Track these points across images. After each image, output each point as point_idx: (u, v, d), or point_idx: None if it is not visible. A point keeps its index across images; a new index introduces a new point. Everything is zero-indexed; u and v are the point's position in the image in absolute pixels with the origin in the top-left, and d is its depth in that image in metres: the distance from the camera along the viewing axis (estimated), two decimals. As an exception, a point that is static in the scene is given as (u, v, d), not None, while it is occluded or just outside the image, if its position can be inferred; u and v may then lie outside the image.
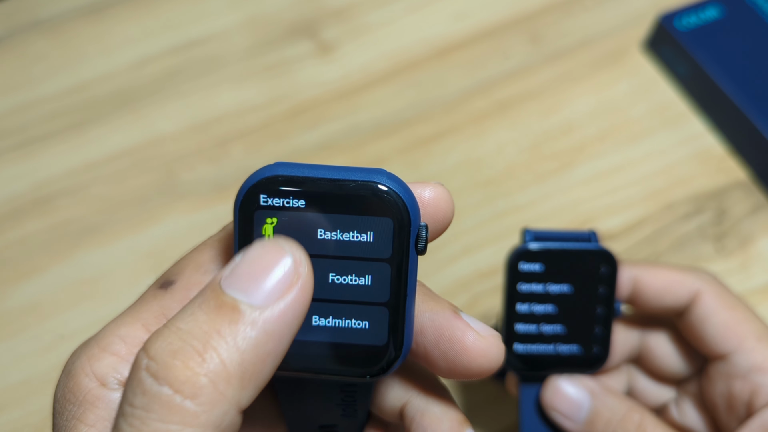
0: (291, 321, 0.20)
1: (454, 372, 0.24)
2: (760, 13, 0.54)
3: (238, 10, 0.58)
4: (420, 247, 0.23)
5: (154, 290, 0.25)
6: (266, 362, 0.20)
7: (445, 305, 0.25)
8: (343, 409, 0.26)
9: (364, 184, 0.22)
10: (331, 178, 0.22)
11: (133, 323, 0.24)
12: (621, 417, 0.33)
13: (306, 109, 0.53)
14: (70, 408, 0.22)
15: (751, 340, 0.33)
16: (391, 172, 0.23)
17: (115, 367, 0.23)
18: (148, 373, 0.19)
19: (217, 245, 0.25)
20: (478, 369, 0.24)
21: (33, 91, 0.54)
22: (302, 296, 0.20)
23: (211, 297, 0.20)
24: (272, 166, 0.23)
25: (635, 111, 0.53)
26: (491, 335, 0.24)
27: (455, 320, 0.24)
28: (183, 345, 0.19)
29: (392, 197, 0.22)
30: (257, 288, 0.20)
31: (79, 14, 0.58)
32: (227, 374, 0.19)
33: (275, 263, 0.20)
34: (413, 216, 0.23)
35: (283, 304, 0.20)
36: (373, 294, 0.23)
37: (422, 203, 0.24)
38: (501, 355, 0.24)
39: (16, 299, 0.45)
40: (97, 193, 0.49)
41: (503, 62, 0.56)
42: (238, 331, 0.19)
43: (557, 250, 0.34)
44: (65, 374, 0.23)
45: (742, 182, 0.50)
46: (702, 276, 0.35)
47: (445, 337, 0.24)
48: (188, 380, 0.19)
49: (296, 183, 0.22)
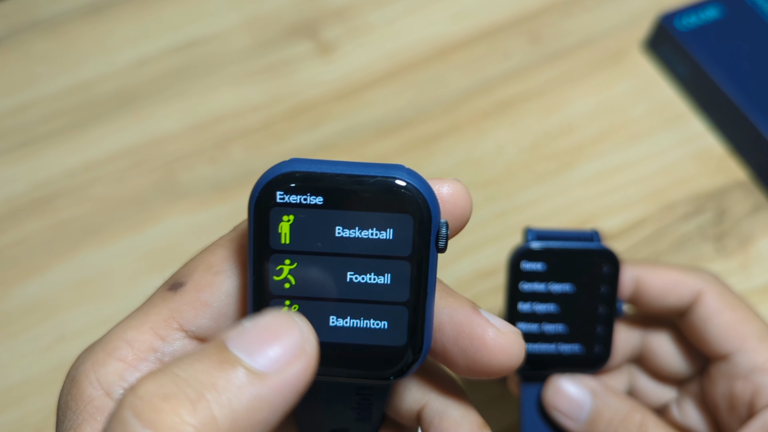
0: (289, 394, 0.19)
1: (474, 370, 0.24)
2: (760, 13, 0.54)
3: (238, 10, 0.58)
4: (441, 245, 0.22)
5: (163, 292, 0.24)
6: (256, 430, 0.19)
7: (464, 301, 0.24)
8: (357, 412, 0.25)
9: (383, 180, 0.22)
10: (349, 174, 0.22)
11: (141, 327, 0.23)
12: (622, 417, 0.33)
13: (306, 109, 0.53)
14: (71, 416, 0.22)
15: (753, 341, 0.33)
16: (410, 168, 0.22)
17: (122, 374, 0.22)
18: (132, 412, 0.18)
19: (229, 245, 0.24)
20: (499, 366, 0.23)
21: (33, 91, 0.54)
22: (304, 372, 0.20)
23: (213, 351, 0.19)
24: (288, 163, 0.22)
25: (635, 111, 0.53)
26: (512, 332, 0.24)
27: (475, 316, 0.24)
28: (176, 390, 0.18)
29: (412, 193, 0.22)
30: (262, 353, 0.19)
31: (79, 14, 0.57)
32: (216, 430, 0.18)
33: (284, 333, 0.20)
34: (434, 213, 0.22)
35: (284, 375, 0.19)
36: (392, 293, 0.22)
37: (441, 200, 0.23)
38: (522, 352, 0.23)
39: (17, 299, 0.45)
40: (97, 193, 0.49)
41: (503, 62, 0.56)
42: (235, 390, 0.18)
43: (559, 249, 0.34)
44: (69, 380, 0.23)
45: (742, 182, 0.50)
46: (704, 276, 0.35)
47: (465, 334, 0.23)
48: (174, 427, 0.18)
49: (313, 179, 0.22)
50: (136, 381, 0.19)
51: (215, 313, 0.24)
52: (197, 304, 0.23)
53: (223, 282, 0.24)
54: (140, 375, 0.23)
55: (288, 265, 0.22)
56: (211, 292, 0.23)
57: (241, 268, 0.24)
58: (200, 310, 0.23)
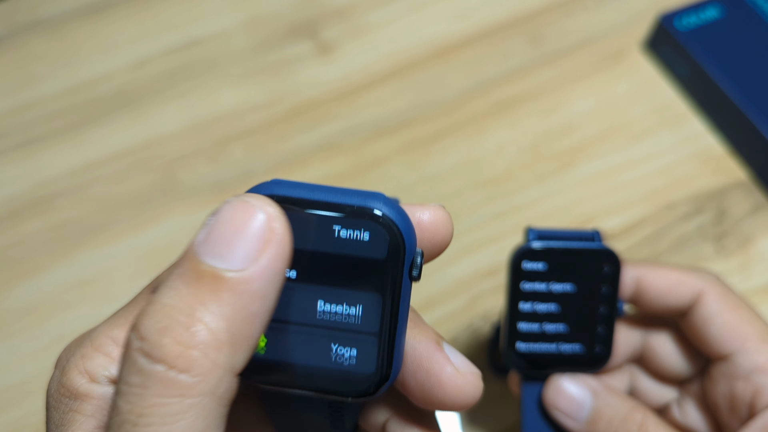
0: (272, 278, 0.20)
1: (428, 403, 0.24)
2: (760, 13, 0.54)
3: (238, 10, 0.58)
4: (414, 275, 0.22)
5: (147, 293, 0.24)
6: (254, 323, 0.20)
7: (430, 334, 0.24)
8: (331, 422, 0.26)
9: (360, 209, 0.22)
10: (326, 202, 0.22)
11: (125, 326, 0.24)
12: (623, 416, 0.33)
13: (306, 109, 0.53)
14: (66, 401, 0.23)
15: (754, 341, 0.33)
16: (389, 197, 0.22)
17: (106, 366, 0.23)
18: (140, 353, 0.19)
19: None
20: (451, 404, 0.24)
21: (33, 91, 0.54)
22: (280, 252, 0.20)
23: (189, 268, 0.20)
24: (268, 184, 0.22)
25: (635, 111, 0.53)
26: (469, 372, 0.24)
27: (436, 352, 0.24)
28: (170, 322, 0.19)
29: (387, 224, 0.22)
30: (233, 252, 0.19)
31: (79, 14, 0.57)
32: (217, 342, 0.19)
33: (247, 223, 0.20)
34: (408, 244, 0.22)
35: (262, 264, 0.19)
36: (363, 324, 0.23)
37: (420, 227, 0.23)
38: (477, 393, 0.24)
39: (16, 299, 0.45)
40: (97, 193, 0.49)
41: (503, 62, 0.56)
42: (221, 299, 0.19)
43: (561, 249, 0.34)
44: (59, 369, 0.24)
45: (742, 182, 0.50)
46: (705, 276, 0.34)
47: (423, 368, 0.24)
48: (180, 355, 0.19)
49: (292, 204, 0.22)
50: (135, 319, 0.20)
51: None
52: None
53: None
54: None
55: None
56: None
57: None
58: None
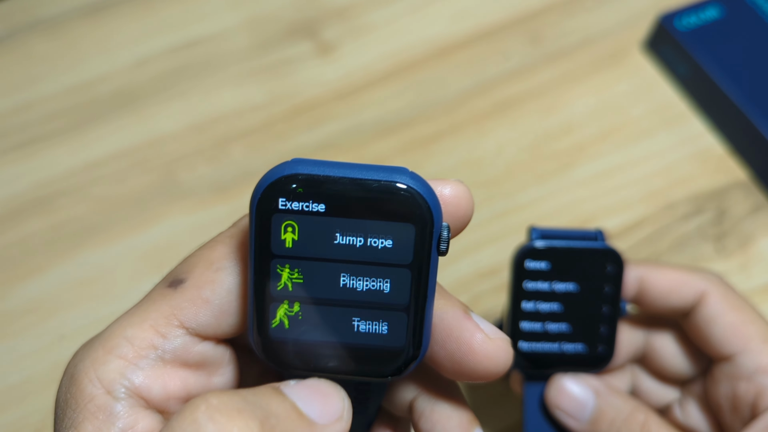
0: None
1: (460, 373, 0.24)
2: (760, 13, 0.54)
3: (238, 10, 0.58)
4: (442, 249, 0.22)
5: (162, 289, 0.24)
6: None
7: (456, 304, 0.24)
8: (354, 405, 0.25)
9: (386, 184, 0.22)
10: (351, 178, 0.22)
11: (141, 324, 0.23)
12: (625, 416, 0.33)
13: (306, 109, 0.53)
14: (70, 414, 0.22)
15: (757, 342, 0.33)
16: (413, 171, 0.22)
17: (122, 372, 0.22)
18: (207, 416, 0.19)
19: (229, 242, 0.24)
20: (484, 372, 0.23)
21: (33, 91, 0.53)
22: None
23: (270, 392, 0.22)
24: (289, 164, 0.22)
25: (635, 111, 0.53)
26: (500, 338, 0.24)
27: (465, 321, 0.24)
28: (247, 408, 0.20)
29: (415, 199, 0.22)
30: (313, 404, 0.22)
31: (79, 14, 0.57)
32: None
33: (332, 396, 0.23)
34: (436, 218, 0.22)
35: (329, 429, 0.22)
36: (392, 298, 0.23)
37: (442, 201, 0.23)
38: (509, 360, 0.24)
39: (17, 299, 0.45)
40: (97, 193, 0.49)
41: (503, 62, 0.56)
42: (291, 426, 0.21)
43: (563, 248, 0.33)
44: (68, 378, 0.23)
45: (742, 182, 0.50)
46: (708, 277, 0.34)
47: (453, 338, 0.23)
48: None
49: (316, 184, 0.22)
50: (203, 393, 0.21)
51: (216, 310, 0.24)
52: (198, 301, 0.23)
53: (224, 279, 0.24)
54: (141, 372, 0.23)
55: (289, 269, 0.22)
56: (212, 289, 0.23)
57: (242, 265, 0.24)
58: (201, 307, 0.23)
